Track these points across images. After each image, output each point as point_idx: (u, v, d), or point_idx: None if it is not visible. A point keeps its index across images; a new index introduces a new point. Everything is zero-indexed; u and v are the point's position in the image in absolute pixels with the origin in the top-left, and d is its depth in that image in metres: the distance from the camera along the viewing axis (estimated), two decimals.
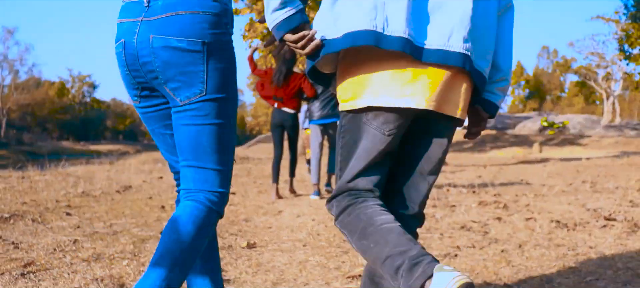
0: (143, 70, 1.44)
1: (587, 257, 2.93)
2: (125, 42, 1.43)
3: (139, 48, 1.41)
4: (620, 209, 4.72)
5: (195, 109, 1.44)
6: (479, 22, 1.45)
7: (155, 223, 4.08)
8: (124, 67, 1.48)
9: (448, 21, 1.40)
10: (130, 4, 1.46)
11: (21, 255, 2.86)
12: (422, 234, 3.63)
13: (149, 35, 1.39)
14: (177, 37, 1.39)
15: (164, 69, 1.41)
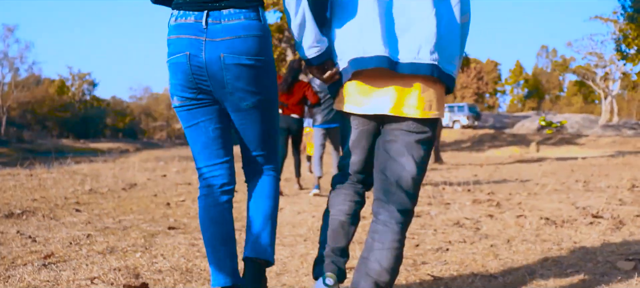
0: (211, 80, 1.75)
1: (570, 251, 3.12)
2: (190, 55, 1.72)
3: (208, 63, 1.72)
4: (609, 207, 4.91)
5: (259, 111, 1.83)
6: (444, 33, 1.79)
7: (162, 219, 4.27)
8: (186, 73, 1.76)
9: (416, 39, 1.75)
10: (184, 24, 1.74)
11: (39, 248, 3.04)
12: (416, 230, 3.83)
13: (220, 54, 1.71)
14: (247, 55, 1.73)
15: (234, 81, 1.74)
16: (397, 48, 1.76)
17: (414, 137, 1.83)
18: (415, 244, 3.31)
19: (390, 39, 1.75)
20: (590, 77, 47.74)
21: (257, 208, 1.91)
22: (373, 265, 1.81)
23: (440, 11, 1.79)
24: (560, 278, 2.53)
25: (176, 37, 1.75)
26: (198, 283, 2.43)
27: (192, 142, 1.89)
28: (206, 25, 1.72)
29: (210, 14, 1.72)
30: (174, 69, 1.78)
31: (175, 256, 2.92)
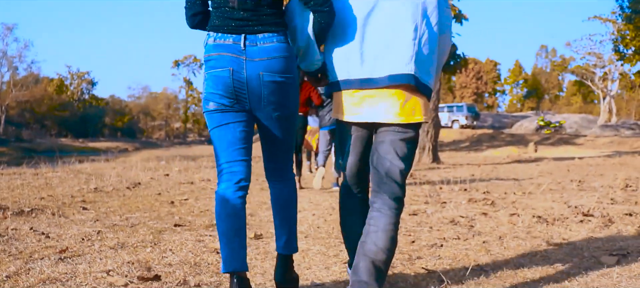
0: (250, 93, 2.06)
1: (558, 247, 3.28)
2: (233, 70, 2.03)
3: (249, 79, 2.04)
4: (600, 206, 5.07)
5: (285, 120, 2.16)
6: (422, 49, 2.05)
7: (167, 217, 4.42)
8: (227, 85, 2.06)
9: (396, 55, 2.03)
10: (224, 44, 2.05)
11: (54, 243, 3.20)
12: (412, 227, 3.99)
13: (259, 72, 2.03)
14: (280, 73, 2.06)
15: (269, 96, 2.07)
16: (379, 65, 2.04)
17: (399, 136, 2.10)
18: (412, 241, 3.47)
19: (371, 60, 2.05)
20: (589, 77, 47.92)
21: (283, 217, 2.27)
22: (370, 246, 2.01)
23: (420, 30, 2.04)
24: (546, 272, 2.68)
25: (217, 54, 2.03)
26: (207, 275, 2.59)
27: (218, 140, 2.11)
28: (244, 47, 2.01)
29: (247, 38, 2.02)
30: (215, 80, 2.06)
31: (184, 251, 3.07)
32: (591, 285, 2.43)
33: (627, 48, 25.61)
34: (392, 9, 2.04)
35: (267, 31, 2.05)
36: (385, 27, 2.04)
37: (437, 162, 12.25)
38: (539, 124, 35.12)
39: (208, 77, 2.07)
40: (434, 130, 12.19)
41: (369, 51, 2.05)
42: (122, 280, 2.40)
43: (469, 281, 2.52)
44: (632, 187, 6.86)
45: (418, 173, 9.39)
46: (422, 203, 5.28)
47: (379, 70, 2.04)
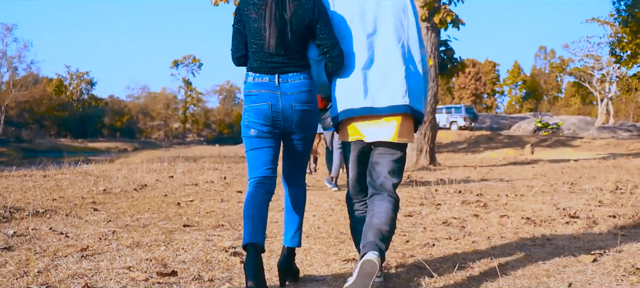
0: (284, 120, 2.57)
1: (542, 247, 3.53)
2: (271, 104, 2.53)
3: (283, 109, 2.54)
4: (587, 208, 5.32)
5: (306, 140, 2.68)
6: (412, 81, 2.56)
7: (175, 218, 4.67)
8: (267, 116, 2.55)
9: (392, 87, 2.52)
10: (261, 82, 2.56)
11: (74, 242, 3.45)
12: (407, 228, 4.24)
13: (291, 104, 2.54)
14: (307, 103, 2.57)
15: (298, 121, 2.58)
16: (378, 97, 2.53)
17: (391, 158, 2.60)
18: (406, 240, 3.72)
19: (371, 93, 2.54)
20: (587, 79, 48.23)
21: (293, 215, 2.73)
22: (376, 221, 2.47)
23: (408, 67, 2.56)
24: (528, 270, 2.94)
25: (257, 91, 2.56)
26: (218, 271, 2.84)
27: (255, 160, 2.63)
28: (278, 84, 2.53)
29: (280, 77, 2.53)
30: (257, 112, 2.56)
31: (195, 249, 3.32)
32: (567, 281, 2.68)
33: (624, 51, 25.88)
34: (384, 53, 2.57)
35: (294, 71, 2.56)
36: (381, 68, 2.55)
37: (434, 164, 12.50)
38: (536, 126, 35.44)
39: (249, 109, 2.58)
40: (431, 132, 12.44)
41: (371, 87, 2.54)
42: (143, 276, 2.65)
43: (456, 277, 2.77)
44: (622, 190, 7.11)
45: (415, 174, 9.64)
46: (417, 205, 5.53)
47: (383, 99, 2.52)
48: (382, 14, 2.60)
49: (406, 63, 2.56)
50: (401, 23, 2.60)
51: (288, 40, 2.52)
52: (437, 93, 12.47)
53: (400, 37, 2.58)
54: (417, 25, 2.67)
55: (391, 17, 2.60)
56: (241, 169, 10.26)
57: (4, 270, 2.72)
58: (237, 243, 3.56)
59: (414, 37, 2.62)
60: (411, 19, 2.63)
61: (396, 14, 2.61)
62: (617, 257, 3.17)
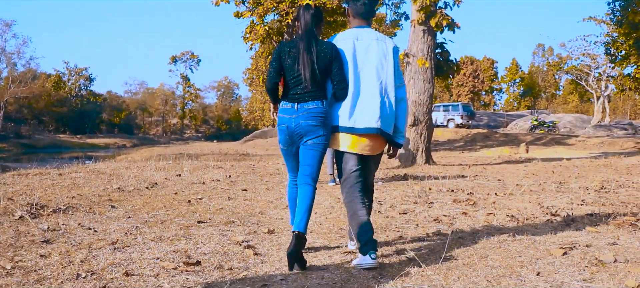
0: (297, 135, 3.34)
1: (521, 242, 3.95)
2: (287, 126, 3.33)
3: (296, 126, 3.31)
4: (569, 207, 5.75)
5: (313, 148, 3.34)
6: (384, 110, 3.35)
7: (188, 214, 5.08)
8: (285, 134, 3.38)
9: (369, 113, 3.30)
10: (285, 108, 3.34)
11: (103, 236, 3.87)
12: (401, 225, 4.66)
13: (299, 121, 3.29)
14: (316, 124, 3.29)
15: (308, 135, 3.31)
16: (358, 120, 3.33)
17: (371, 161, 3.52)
18: (399, 236, 4.15)
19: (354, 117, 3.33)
20: (584, 77, 48.69)
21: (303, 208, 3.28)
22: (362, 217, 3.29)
23: (383, 99, 3.37)
24: (505, 261, 3.36)
25: (282, 115, 3.37)
26: (235, 261, 3.26)
27: (287, 162, 3.55)
28: (297, 109, 3.31)
29: (299, 105, 3.30)
30: (281, 130, 3.40)
31: (212, 243, 3.75)
32: (536, 271, 3.11)
33: (618, 51, 26.31)
34: (367, 88, 3.36)
35: (310, 100, 3.32)
36: (363, 99, 3.35)
37: (430, 162, 12.92)
38: (532, 124, 35.91)
39: (278, 128, 3.44)
40: (427, 132, 12.86)
41: (355, 112, 3.33)
42: (172, 265, 3.08)
43: (441, 267, 3.20)
44: (606, 189, 7.54)
45: (411, 173, 10.06)
46: (411, 203, 5.95)
47: (362, 121, 3.32)
48: (368, 58, 3.38)
49: (381, 96, 3.34)
50: (382, 66, 3.38)
51: (312, 76, 3.30)
52: (433, 93, 12.87)
53: (379, 76, 3.37)
54: (395, 67, 3.44)
55: (374, 61, 3.37)
56: (244, 168, 10.69)
57: (51, 260, 3.15)
58: (248, 238, 3.98)
59: (391, 78, 3.40)
60: (390, 63, 3.40)
61: (379, 59, 3.38)
62: (585, 251, 3.60)
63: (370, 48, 3.38)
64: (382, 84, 3.36)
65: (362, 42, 3.38)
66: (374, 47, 3.39)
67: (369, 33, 3.43)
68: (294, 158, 3.49)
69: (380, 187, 7.70)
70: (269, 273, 3.04)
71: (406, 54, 12.91)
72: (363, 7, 3.43)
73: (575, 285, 2.85)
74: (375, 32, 3.47)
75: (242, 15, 21.05)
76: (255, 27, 21.09)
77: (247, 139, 48.24)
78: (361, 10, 3.44)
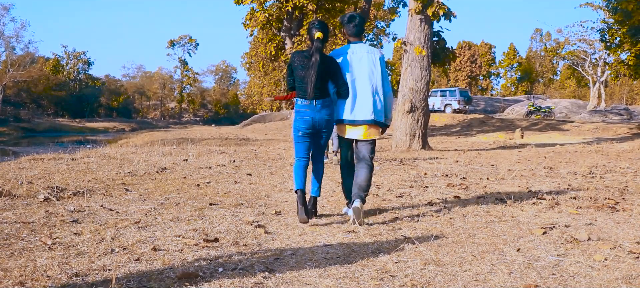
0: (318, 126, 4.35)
1: (506, 223, 4.34)
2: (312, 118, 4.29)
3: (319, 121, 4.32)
4: (556, 191, 6.14)
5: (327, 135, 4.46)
6: (376, 106, 4.39)
7: (199, 197, 5.46)
8: (308, 124, 4.31)
9: (365, 108, 4.37)
10: (306, 104, 4.28)
11: (125, 217, 4.25)
12: (396, 207, 5.05)
13: (322, 116, 4.32)
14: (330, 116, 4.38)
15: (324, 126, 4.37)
16: (358, 114, 4.38)
17: (367, 144, 4.51)
18: (395, 217, 4.54)
19: (354, 112, 4.38)
20: (580, 63, 49.02)
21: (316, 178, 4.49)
22: (359, 180, 4.37)
23: (374, 98, 4.39)
24: (490, 239, 3.75)
25: (304, 109, 4.30)
26: (249, 238, 3.64)
27: (298, 147, 4.41)
28: (316, 104, 4.28)
29: (316, 101, 4.28)
30: (304, 123, 4.32)
31: (226, 223, 4.13)
32: (517, 247, 3.50)
33: (613, 38, 26.61)
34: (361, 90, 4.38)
35: (323, 98, 4.33)
36: (359, 99, 4.38)
37: (426, 148, 13.31)
38: (529, 109, 36.31)
39: (299, 119, 4.34)
40: (424, 118, 13.23)
41: (356, 106, 4.39)
42: (193, 241, 3.46)
43: (433, 244, 3.59)
44: (593, 174, 7.93)
45: (407, 158, 10.45)
46: (407, 188, 6.34)
47: (360, 115, 4.38)
48: (361, 67, 4.43)
49: (373, 96, 4.40)
50: (372, 72, 4.42)
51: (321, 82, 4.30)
52: (429, 81, 13.23)
53: (371, 80, 4.41)
54: (382, 71, 4.48)
55: (366, 69, 4.42)
56: (247, 153, 11.06)
57: (84, 237, 3.53)
58: (258, 218, 4.37)
59: (379, 81, 4.44)
60: (378, 69, 4.45)
61: (369, 67, 4.43)
62: (563, 230, 3.99)
63: (362, 59, 4.43)
64: (373, 86, 4.40)
65: (356, 55, 4.43)
66: (365, 58, 4.43)
67: (361, 47, 4.48)
68: (306, 144, 4.38)
69: (378, 171, 8.08)
70: (280, 248, 3.42)
71: (403, 42, 13.24)
72: (355, 29, 4.51)
73: (549, 259, 3.24)
74: (366, 45, 4.51)
75: (242, 2, 21.28)
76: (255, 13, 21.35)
77: (245, 123, 48.59)
78: (353, 31, 4.52)
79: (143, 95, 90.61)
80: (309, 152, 4.43)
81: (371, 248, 3.48)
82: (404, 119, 13.17)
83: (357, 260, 3.17)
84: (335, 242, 3.65)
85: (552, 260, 3.22)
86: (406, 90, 13.17)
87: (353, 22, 4.50)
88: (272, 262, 3.10)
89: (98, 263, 2.94)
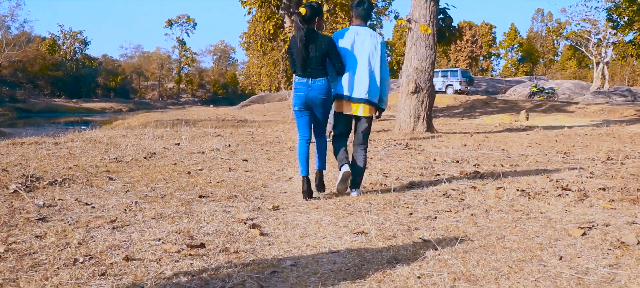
0: (313, 103, 4.52)
1: (535, 220, 3.81)
2: (306, 94, 4.48)
3: (313, 98, 4.49)
4: (580, 180, 5.61)
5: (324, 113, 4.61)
6: (371, 88, 4.61)
7: (189, 187, 4.92)
8: (303, 101, 4.50)
9: (361, 87, 4.58)
10: (302, 82, 4.49)
11: (101, 213, 3.70)
12: (410, 200, 4.51)
13: (317, 94, 4.48)
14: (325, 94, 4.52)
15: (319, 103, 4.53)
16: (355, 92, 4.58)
17: (365, 121, 4.75)
18: (410, 213, 3.99)
19: (353, 88, 4.59)
20: (583, 43, 48.22)
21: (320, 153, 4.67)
22: (358, 161, 4.75)
23: (371, 80, 4.60)
24: (523, 243, 3.22)
25: (299, 86, 4.49)
26: (242, 243, 3.10)
27: (299, 124, 4.63)
28: (310, 83, 4.46)
29: (311, 80, 4.46)
30: (298, 99, 4.51)
31: (215, 221, 3.58)
32: (558, 254, 2.96)
33: (621, 17, 25.92)
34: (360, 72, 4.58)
35: (319, 77, 4.49)
36: (358, 79, 4.58)
37: (431, 130, 12.74)
38: (531, 90, 35.63)
39: (295, 95, 4.55)
40: (429, 99, 12.64)
41: (354, 85, 4.59)
42: (175, 248, 2.91)
43: (458, 249, 3.05)
44: (613, 160, 7.40)
45: (413, 142, 9.90)
46: (417, 176, 5.79)
47: (356, 93, 4.59)
48: (363, 49, 4.61)
49: (370, 77, 4.60)
50: (373, 55, 4.62)
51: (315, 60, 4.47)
52: (434, 60, 12.60)
53: (370, 63, 4.61)
54: (382, 55, 4.66)
55: (367, 51, 4.61)
56: (244, 136, 10.48)
57: (47, 241, 2.98)
58: (253, 215, 3.82)
59: (378, 64, 4.64)
60: (378, 53, 4.64)
61: (371, 50, 4.62)
62: (605, 231, 3.46)
63: (365, 42, 4.63)
64: (371, 67, 4.62)
65: (360, 36, 4.62)
66: (367, 41, 4.63)
67: (365, 30, 4.67)
68: (305, 118, 4.59)
69: (383, 156, 7.53)
70: (278, 257, 2.87)
71: (408, 20, 12.59)
72: (363, 12, 4.71)
73: (601, 272, 2.71)
74: (369, 29, 4.69)
75: None
76: None
77: (244, 104, 47.91)
78: (361, 14, 4.71)
79: (141, 75, 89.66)
80: (310, 127, 4.61)
81: (386, 255, 2.93)
82: (408, 100, 12.57)
83: (370, 273, 2.63)
84: (343, 247, 3.11)
85: (605, 274, 2.69)
86: (410, 69, 12.55)
87: (362, 6, 4.69)
88: (268, 277, 2.56)
89: (53, 280, 2.40)
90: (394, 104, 22.47)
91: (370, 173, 6.05)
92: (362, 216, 3.83)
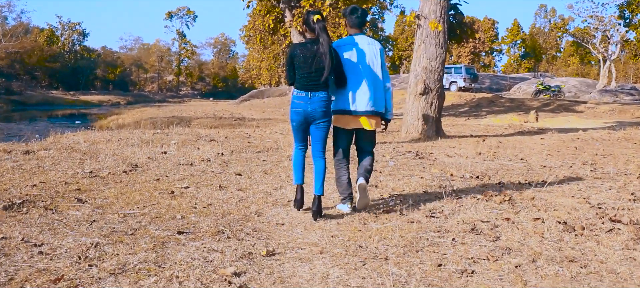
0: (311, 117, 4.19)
1: (599, 275, 3.01)
2: (304, 109, 4.16)
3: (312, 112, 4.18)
4: (624, 205, 4.82)
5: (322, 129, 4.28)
6: (378, 94, 4.40)
7: (168, 215, 4.12)
8: (301, 115, 4.20)
9: (365, 98, 4.32)
10: (301, 96, 4.18)
11: (47, 264, 2.90)
12: (434, 238, 3.71)
13: (316, 107, 4.16)
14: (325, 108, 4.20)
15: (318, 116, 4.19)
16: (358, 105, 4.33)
17: (367, 135, 4.54)
18: (438, 263, 3.18)
19: (356, 102, 4.33)
20: (589, 40, 47.36)
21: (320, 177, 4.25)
22: (364, 164, 4.50)
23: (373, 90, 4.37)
24: None
25: (298, 101, 4.19)
26: None
27: (296, 135, 4.34)
28: (311, 97, 4.17)
29: (312, 93, 4.17)
30: (296, 115, 4.22)
31: (191, 279, 2.78)
32: None
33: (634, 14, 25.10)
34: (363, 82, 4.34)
35: (319, 90, 4.19)
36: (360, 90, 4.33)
37: (440, 134, 11.94)
38: (537, 88, 34.72)
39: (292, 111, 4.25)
40: (438, 101, 11.82)
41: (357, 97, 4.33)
42: None
43: None
44: None
45: (424, 149, 9.09)
46: (436, 199, 4.99)
47: (361, 106, 4.33)
48: (364, 60, 4.39)
49: (373, 87, 4.38)
50: (373, 63, 4.42)
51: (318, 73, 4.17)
52: (445, 60, 11.78)
53: (372, 72, 4.40)
54: (382, 63, 4.48)
55: (366, 61, 4.40)
56: (240, 140, 9.66)
57: None
58: (241, 267, 3.01)
59: (379, 73, 4.44)
60: (378, 61, 4.45)
61: (371, 60, 4.42)
62: None
63: (364, 51, 4.44)
64: (374, 77, 4.41)
65: (357, 46, 4.42)
66: (366, 50, 4.43)
67: (362, 39, 4.47)
68: (303, 133, 4.33)
69: (393, 169, 6.73)
70: None
71: (417, 16, 11.75)
72: (357, 20, 4.48)
73: None
74: (366, 37, 4.49)
75: None
76: None
77: (243, 98, 47.05)
78: (356, 22, 4.48)
79: (140, 67, 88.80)
80: (307, 138, 4.37)
81: None
82: (416, 101, 11.74)
83: None
84: None
85: None
86: (419, 69, 11.71)
87: (355, 14, 4.47)
88: None
89: None
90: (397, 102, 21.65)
91: (382, 193, 5.25)
92: (379, 267, 3.04)
